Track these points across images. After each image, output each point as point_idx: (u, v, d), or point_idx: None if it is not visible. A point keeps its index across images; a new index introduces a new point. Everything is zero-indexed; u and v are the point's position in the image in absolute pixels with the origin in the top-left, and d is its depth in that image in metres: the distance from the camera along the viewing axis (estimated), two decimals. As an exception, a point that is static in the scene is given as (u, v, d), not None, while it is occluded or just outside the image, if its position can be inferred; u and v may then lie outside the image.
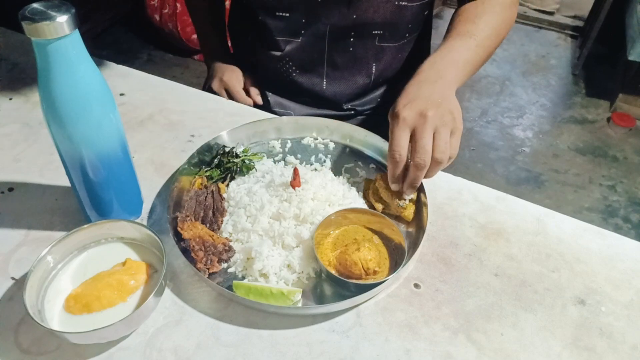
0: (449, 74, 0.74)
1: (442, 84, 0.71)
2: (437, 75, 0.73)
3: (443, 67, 0.74)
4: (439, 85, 0.71)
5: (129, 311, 0.53)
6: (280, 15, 0.88)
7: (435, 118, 0.64)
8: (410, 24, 0.90)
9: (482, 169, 2.27)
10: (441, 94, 0.69)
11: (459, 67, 0.76)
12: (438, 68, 0.74)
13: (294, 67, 0.94)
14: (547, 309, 0.60)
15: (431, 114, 0.64)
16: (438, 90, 0.70)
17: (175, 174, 0.71)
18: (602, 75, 2.87)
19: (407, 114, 0.64)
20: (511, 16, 0.87)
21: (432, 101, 0.66)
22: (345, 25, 0.87)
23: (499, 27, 0.83)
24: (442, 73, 0.73)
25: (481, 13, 0.82)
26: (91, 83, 0.53)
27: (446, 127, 0.65)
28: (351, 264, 0.59)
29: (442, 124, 0.64)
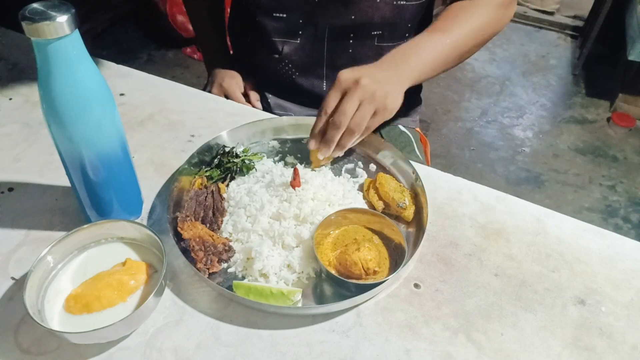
0: (407, 66, 0.75)
1: (394, 72, 0.73)
2: (394, 63, 0.74)
3: (403, 58, 0.75)
4: (392, 72, 0.73)
5: (129, 311, 0.53)
6: (277, 16, 0.88)
7: (366, 90, 0.68)
8: (409, 23, 0.90)
9: (482, 169, 2.27)
10: (387, 78, 0.71)
11: (421, 61, 0.76)
12: (398, 57, 0.75)
13: (294, 68, 0.94)
14: (547, 309, 0.60)
15: (364, 82, 0.68)
16: (386, 74, 0.72)
17: (175, 174, 0.71)
18: (602, 75, 2.87)
19: (344, 77, 0.69)
20: (499, 18, 0.85)
21: (373, 75, 0.69)
22: (344, 26, 0.87)
23: (480, 27, 0.82)
24: (399, 62, 0.75)
25: (464, 12, 0.82)
26: (91, 83, 0.53)
27: (372, 104, 0.69)
28: (351, 264, 0.59)
29: (370, 99, 0.68)
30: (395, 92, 0.72)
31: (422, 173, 0.73)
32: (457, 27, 0.80)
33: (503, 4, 0.84)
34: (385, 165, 0.78)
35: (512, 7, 0.87)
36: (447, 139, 2.44)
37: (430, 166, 0.86)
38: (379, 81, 0.69)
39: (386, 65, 0.74)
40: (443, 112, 2.62)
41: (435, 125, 2.52)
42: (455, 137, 2.45)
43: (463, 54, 0.82)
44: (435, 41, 0.78)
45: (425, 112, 2.54)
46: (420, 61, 0.76)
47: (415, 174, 0.72)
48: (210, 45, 1.12)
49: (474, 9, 0.82)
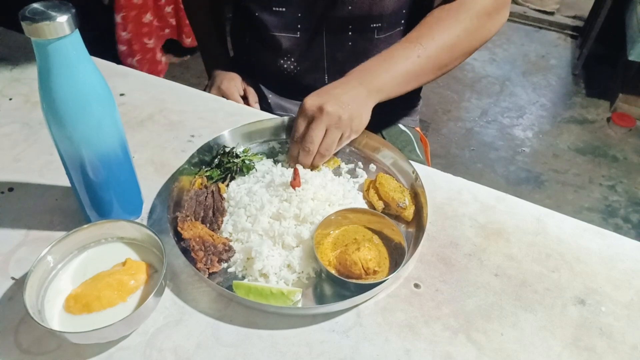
0: (375, 82, 0.74)
1: (361, 90, 0.73)
2: (362, 79, 0.74)
3: (371, 73, 0.74)
4: (357, 90, 0.72)
5: (129, 311, 0.53)
6: (277, 10, 0.88)
7: (332, 117, 0.69)
8: (404, 9, 0.89)
9: (482, 169, 2.27)
10: (353, 98, 0.71)
11: (391, 76, 0.74)
12: (367, 73, 0.75)
13: (295, 62, 0.94)
14: (547, 309, 0.60)
15: (329, 109, 0.69)
16: (351, 94, 0.72)
17: (175, 174, 0.71)
18: (602, 75, 2.87)
19: (309, 104, 0.70)
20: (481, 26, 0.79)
21: (337, 99, 0.70)
22: (342, 18, 0.87)
23: (459, 37, 0.77)
24: (368, 79, 0.74)
25: (443, 20, 0.78)
26: (91, 83, 0.53)
27: (338, 129, 0.70)
28: (351, 264, 0.59)
29: (336, 124, 0.70)
30: (361, 113, 0.72)
31: (422, 173, 0.73)
32: (432, 37, 0.76)
33: (486, 12, 0.79)
34: (385, 165, 0.78)
35: (500, 15, 0.82)
36: (447, 139, 2.44)
37: (430, 166, 0.86)
38: (344, 105, 0.70)
39: (353, 83, 0.73)
40: (443, 112, 2.62)
41: (435, 125, 2.52)
42: (455, 137, 2.45)
43: (441, 66, 0.79)
44: (407, 53, 0.75)
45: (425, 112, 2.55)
46: (390, 76, 0.75)
47: (415, 174, 0.72)
48: (210, 47, 1.12)
49: (454, 17, 0.78)
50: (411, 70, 0.75)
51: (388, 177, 0.71)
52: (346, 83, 0.74)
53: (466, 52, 0.81)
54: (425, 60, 0.76)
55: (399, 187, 0.71)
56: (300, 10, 0.87)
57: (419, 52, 0.75)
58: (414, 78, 0.77)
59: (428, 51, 0.76)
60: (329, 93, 0.72)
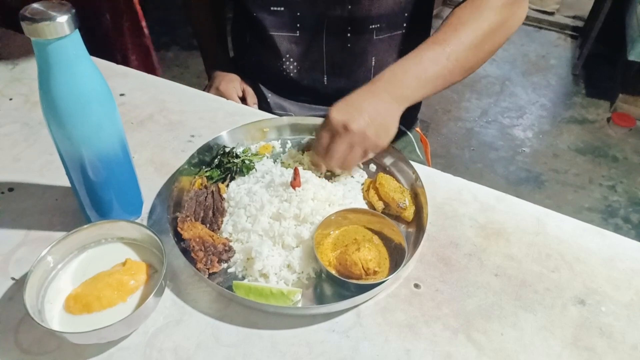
0: (403, 89, 0.72)
1: (388, 99, 0.71)
2: (389, 87, 0.71)
3: (401, 81, 0.72)
4: (385, 102, 0.71)
5: (129, 311, 0.53)
6: (275, 9, 0.88)
7: (357, 134, 0.67)
8: (406, 12, 0.89)
9: (482, 169, 2.27)
10: (380, 109, 0.70)
11: (421, 82, 0.72)
12: (395, 81, 0.72)
13: (295, 63, 0.93)
14: (547, 309, 0.60)
15: (354, 128, 0.67)
16: (379, 107, 0.70)
17: (175, 174, 0.71)
18: (602, 75, 2.87)
19: (335, 119, 0.68)
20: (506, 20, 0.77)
21: (363, 115, 0.68)
22: (341, 17, 0.86)
23: (485, 34, 0.75)
24: (396, 87, 0.72)
25: (467, 19, 0.75)
26: (91, 83, 0.53)
27: (362, 146, 0.69)
28: (351, 264, 0.59)
29: (359, 142, 0.68)
30: (387, 127, 0.70)
31: (422, 173, 0.73)
32: (458, 37, 0.74)
33: (507, 4, 0.77)
34: (385, 165, 0.78)
35: (521, 6, 0.80)
36: (447, 139, 2.44)
37: (430, 166, 0.86)
38: (370, 122, 0.68)
39: (381, 95, 0.71)
40: (443, 112, 2.62)
41: (435, 125, 2.52)
42: (455, 137, 2.45)
43: (469, 67, 0.77)
44: (436, 57, 0.73)
45: (425, 112, 2.55)
46: (420, 82, 0.72)
47: (415, 174, 0.72)
48: (210, 47, 1.12)
49: (477, 15, 0.75)
50: (440, 74, 0.73)
51: (388, 178, 0.71)
52: (374, 93, 0.71)
53: (492, 51, 0.79)
54: (454, 63, 0.74)
55: (399, 188, 0.71)
56: (299, 10, 0.87)
57: (448, 55, 0.73)
58: (442, 82, 0.75)
59: (456, 54, 0.73)
60: (355, 107, 0.69)
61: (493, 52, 0.80)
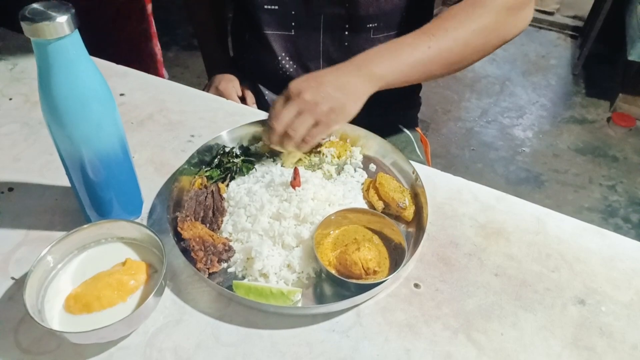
0: (378, 68, 0.70)
1: (358, 77, 0.69)
2: (363, 65, 0.70)
3: (376, 60, 0.71)
4: (352, 78, 0.69)
5: (129, 311, 0.53)
6: (269, 8, 0.88)
7: (309, 103, 0.67)
8: (404, 12, 0.89)
9: (482, 169, 2.27)
10: (343, 87, 0.69)
11: (396, 67, 0.71)
12: (371, 59, 0.71)
13: (291, 61, 0.93)
14: (547, 309, 0.60)
15: (307, 97, 0.67)
16: (343, 82, 0.69)
17: (175, 174, 0.71)
18: (602, 75, 2.87)
19: (292, 86, 0.69)
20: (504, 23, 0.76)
21: (321, 87, 0.68)
22: (339, 15, 0.86)
23: (475, 33, 0.74)
24: (370, 65, 0.70)
25: (459, 15, 0.75)
26: (91, 83, 0.53)
27: (311, 115, 0.67)
28: (351, 264, 0.59)
29: (310, 111, 0.67)
30: (345, 104, 0.69)
31: (422, 173, 0.73)
32: (445, 29, 0.73)
33: (507, 8, 0.76)
34: (385, 165, 0.78)
35: (524, 12, 0.78)
36: (447, 139, 2.44)
37: (430, 166, 0.86)
38: (327, 94, 0.67)
39: (350, 69, 0.70)
40: (443, 112, 2.62)
41: (435, 125, 2.52)
42: (455, 137, 2.45)
43: (452, 62, 0.75)
44: (417, 43, 0.72)
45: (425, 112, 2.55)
46: (396, 63, 0.71)
47: (415, 174, 0.72)
48: (210, 47, 1.12)
49: (471, 12, 0.74)
50: (419, 60, 0.72)
51: (388, 177, 0.71)
52: (343, 69, 0.71)
53: (481, 50, 0.77)
54: (436, 53, 0.72)
55: (399, 187, 0.71)
56: (294, 8, 0.87)
57: (430, 44, 0.72)
58: (421, 69, 0.73)
59: (439, 44, 0.72)
60: (317, 80, 0.69)
61: (484, 52, 0.78)
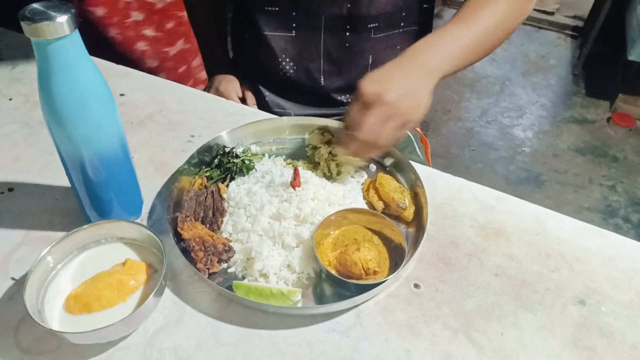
0: (433, 63, 0.70)
1: (420, 73, 0.69)
2: (419, 61, 0.70)
3: (429, 54, 0.71)
4: (416, 73, 0.69)
5: (129, 311, 0.53)
6: (269, 9, 0.88)
7: (392, 105, 0.64)
8: (404, 12, 0.89)
9: (482, 169, 2.27)
10: (414, 83, 0.68)
11: (447, 57, 0.72)
12: (423, 54, 0.71)
13: (291, 62, 0.93)
14: (547, 309, 0.60)
15: (389, 98, 0.64)
16: (412, 79, 0.68)
17: (175, 174, 0.71)
18: (602, 75, 2.87)
19: (368, 90, 0.65)
20: (520, 9, 0.80)
21: (397, 86, 0.65)
22: (340, 15, 0.86)
23: (504, 18, 0.77)
24: (425, 60, 0.70)
25: (486, 2, 0.77)
26: (91, 83, 0.53)
27: (398, 118, 0.65)
28: (351, 264, 0.59)
29: (396, 114, 0.65)
30: (421, 99, 0.68)
31: (422, 173, 0.73)
32: (481, 19, 0.75)
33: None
34: (385, 165, 0.78)
35: None
36: (447, 139, 2.44)
37: (430, 166, 0.86)
38: (404, 93, 0.65)
39: (410, 66, 0.69)
40: (443, 112, 2.62)
41: (435, 125, 2.52)
42: (455, 137, 2.45)
43: (487, 48, 0.78)
44: (460, 32, 0.73)
45: (425, 112, 2.54)
46: (447, 53, 0.72)
47: (415, 174, 0.72)
48: (210, 48, 1.12)
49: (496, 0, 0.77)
50: (464, 50, 0.73)
51: (388, 178, 0.71)
52: (404, 65, 0.69)
53: (507, 34, 0.80)
54: (475, 40, 0.74)
55: (399, 188, 0.71)
56: (294, 9, 0.87)
57: (471, 32, 0.74)
58: (466, 58, 0.75)
59: (480, 31, 0.74)
60: (387, 78, 0.66)
61: (508, 36, 0.81)
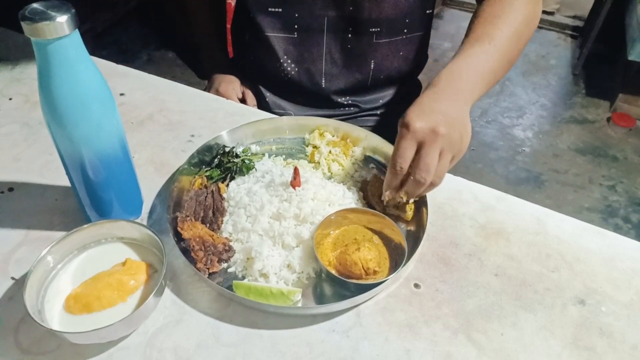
0: (467, 88, 0.68)
1: (459, 99, 0.66)
2: (455, 88, 0.68)
3: (462, 80, 0.69)
4: (457, 101, 0.66)
5: (129, 311, 0.53)
6: (273, 11, 0.88)
7: (446, 138, 0.61)
8: (407, 18, 0.89)
9: (482, 169, 2.27)
10: (457, 111, 0.65)
11: (479, 79, 0.70)
12: (457, 80, 0.68)
13: (293, 64, 0.93)
14: (547, 309, 0.60)
15: (443, 131, 0.60)
16: (455, 107, 0.65)
17: (175, 174, 0.71)
18: (602, 75, 2.87)
19: (419, 126, 0.60)
20: (535, 11, 0.78)
21: (446, 118, 0.62)
22: (342, 17, 0.86)
23: (521, 26, 0.76)
24: (460, 86, 0.68)
25: (501, 12, 0.75)
26: (91, 83, 0.53)
27: (451, 151, 0.62)
28: (351, 264, 0.59)
29: (449, 146, 0.62)
30: (465, 122, 0.65)
31: (422, 173, 0.73)
32: (499, 31, 0.73)
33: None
34: (385, 165, 0.78)
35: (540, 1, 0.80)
36: (447, 139, 2.43)
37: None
38: (453, 119, 0.62)
39: (449, 93, 0.66)
40: (443, 112, 2.61)
41: (435, 125, 2.51)
42: (455, 137, 2.45)
43: (512, 59, 0.76)
44: (483, 53, 0.71)
45: (425, 112, 2.54)
46: (477, 76, 0.70)
47: (415, 174, 0.72)
48: (210, 49, 1.12)
49: (509, 8, 0.76)
50: (493, 68, 0.72)
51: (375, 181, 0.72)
52: (442, 93, 0.66)
53: (527, 41, 0.79)
54: (501, 56, 0.72)
55: None
56: (297, 11, 0.87)
57: (494, 49, 0.72)
58: (495, 76, 0.73)
59: (502, 46, 0.72)
60: (434, 110, 0.62)
61: (526, 43, 0.79)
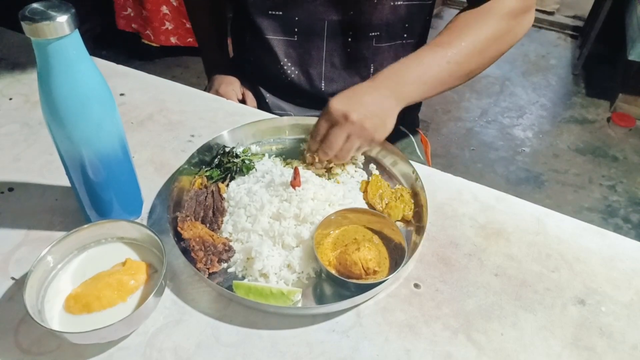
0: (405, 90, 0.73)
1: (389, 96, 0.72)
2: (390, 85, 0.72)
3: (402, 80, 0.73)
4: (386, 97, 0.71)
5: (129, 311, 0.53)
6: (273, 14, 0.88)
7: (356, 125, 0.68)
8: (407, 23, 0.89)
9: (482, 169, 2.27)
10: (381, 108, 0.71)
11: (420, 83, 0.73)
12: (396, 78, 0.73)
13: (293, 67, 0.93)
14: (547, 309, 0.60)
15: (354, 119, 0.68)
16: (380, 103, 0.71)
17: (175, 174, 0.71)
18: (602, 75, 2.87)
19: (334, 109, 0.69)
20: (509, 29, 0.78)
21: (365, 109, 0.69)
22: (342, 21, 0.86)
23: (488, 41, 0.76)
24: (397, 84, 0.72)
25: (473, 23, 0.76)
26: (91, 83, 0.53)
27: (359, 138, 0.70)
28: (351, 264, 0.59)
29: (358, 133, 0.69)
30: (385, 121, 0.71)
31: (422, 173, 0.73)
32: (460, 41, 0.74)
33: (513, 15, 0.77)
34: (385, 165, 0.78)
35: (527, 17, 0.80)
36: (447, 139, 2.44)
37: (430, 166, 0.86)
38: (370, 114, 0.69)
39: (383, 91, 0.72)
40: (443, 112, 2.62)
41: (435, 125, 2.52)
42: (455, 137, 2.45)
43: (469, 71, 0.77)
44: (437, 59, 0.73)
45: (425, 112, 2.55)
46: (419, 80, 0.73)
47: (415, 174, 0.72)
48: (210, 49, 1.12)
49: (481, 21, 0.76)
50: (440, 77, 0.74)
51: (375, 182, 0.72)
52: (375, 89, 0.72)
53: (494, 57, 0.79)
54: (455, 67, 0.74)
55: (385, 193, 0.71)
56: (298, 15, 0.87)
57: (449, 58, 0.73)
58: (441, 85, 0.75)
59: (458, 56, 0.74)
60: (356, 100, 0.70)
61: (495, 59, 0.80)
